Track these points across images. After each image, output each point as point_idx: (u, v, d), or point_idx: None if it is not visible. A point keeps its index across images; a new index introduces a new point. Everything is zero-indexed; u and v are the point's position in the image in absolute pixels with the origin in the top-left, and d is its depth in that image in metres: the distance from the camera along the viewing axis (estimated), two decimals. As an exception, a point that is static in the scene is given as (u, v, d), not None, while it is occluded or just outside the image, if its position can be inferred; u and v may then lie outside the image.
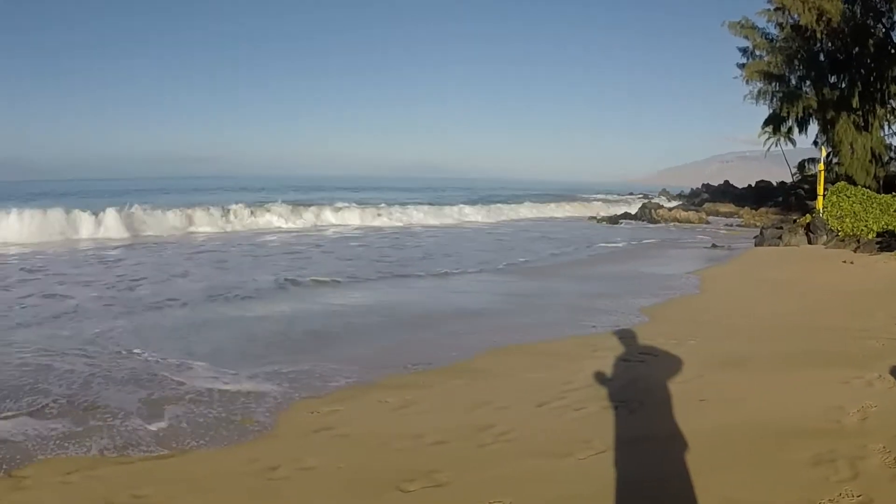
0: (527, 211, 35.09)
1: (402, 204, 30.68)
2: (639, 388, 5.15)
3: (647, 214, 31.51)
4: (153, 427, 4.54)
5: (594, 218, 31.80)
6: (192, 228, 21.33)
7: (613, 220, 30.31)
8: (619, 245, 19.24)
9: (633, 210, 34.02)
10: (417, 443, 4.22)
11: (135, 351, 6.41)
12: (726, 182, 49.62)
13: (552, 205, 38.51)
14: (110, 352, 6.39)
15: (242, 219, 23.64)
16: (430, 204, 32.23)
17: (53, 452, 4.17)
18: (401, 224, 25.85)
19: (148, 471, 3.89)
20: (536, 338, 7.16)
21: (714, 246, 17.92)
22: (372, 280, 11.41)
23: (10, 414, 4.73)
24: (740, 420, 4.50)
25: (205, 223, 21.98)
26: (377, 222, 25.79)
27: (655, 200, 43.89)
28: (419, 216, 27.95)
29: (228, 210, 23.74)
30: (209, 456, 4.11)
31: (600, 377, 5.43)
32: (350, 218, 25.92)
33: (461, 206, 32.35)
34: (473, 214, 30.59)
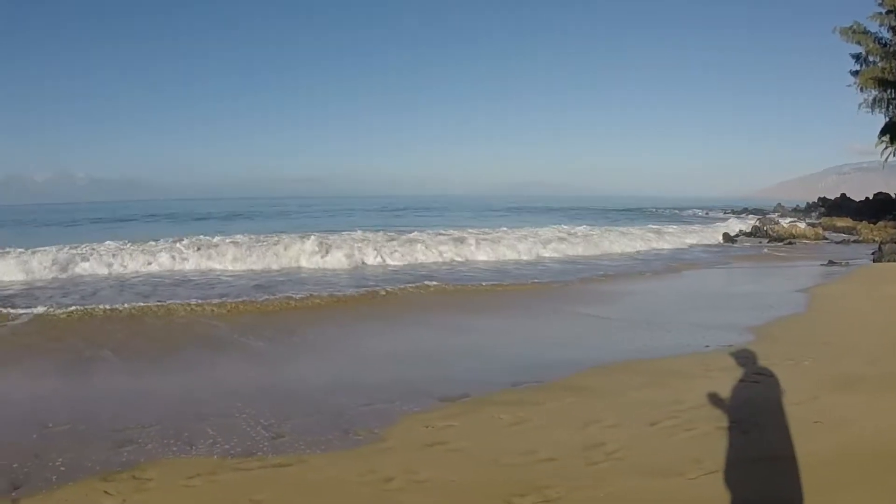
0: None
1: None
2: (752, 409, 4.87)
3: (762, 231, 29.73)
4: (270, 433, 4.70)
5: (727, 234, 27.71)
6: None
7: (728, 238, 28.37)
8: (732, 262, 18.32)
9: (748, 227, 31.84)
10: (529, 459, 4.18)
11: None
12: (843, 195, 46.27)
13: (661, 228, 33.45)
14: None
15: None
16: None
17: (176, 455, 4.32)
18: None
19: (266, 477, 3.98)
20: (648, 355, 6.94)
21: (831, 262, 16.69)
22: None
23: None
24: (855, 443, 4.20)
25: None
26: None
27: (770, 216, 41.31)
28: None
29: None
30: (325, 465, 4.17)
31: (713, 397, 5.16)
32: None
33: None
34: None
